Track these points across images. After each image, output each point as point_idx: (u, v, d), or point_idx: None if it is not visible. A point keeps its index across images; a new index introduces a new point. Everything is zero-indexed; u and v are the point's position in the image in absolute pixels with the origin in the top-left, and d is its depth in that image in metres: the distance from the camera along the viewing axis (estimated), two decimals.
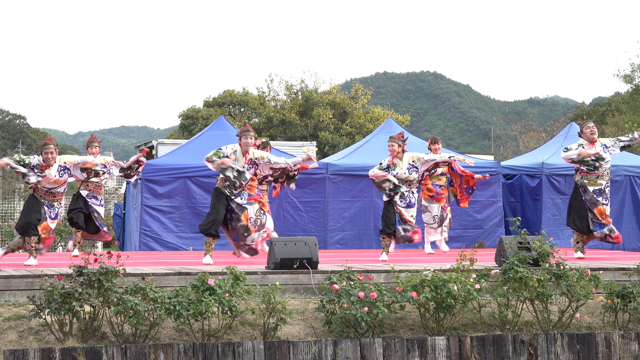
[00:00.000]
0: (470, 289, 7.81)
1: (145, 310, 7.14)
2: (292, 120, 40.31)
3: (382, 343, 7.51)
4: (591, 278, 8.22)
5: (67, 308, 7.03)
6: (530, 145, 35.96)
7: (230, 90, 46.99)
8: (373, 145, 16.30)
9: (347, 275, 7.87)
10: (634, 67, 38.44)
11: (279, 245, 9.02)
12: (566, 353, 7.88)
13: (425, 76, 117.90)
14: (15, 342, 7.28)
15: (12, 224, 11.57)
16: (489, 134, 65.78)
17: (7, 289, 8.04)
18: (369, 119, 40.82)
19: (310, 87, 42.70)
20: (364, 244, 15.14)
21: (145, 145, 23.82)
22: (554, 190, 15.78)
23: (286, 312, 7.58)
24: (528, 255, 8.30)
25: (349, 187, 15.21)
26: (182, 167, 14.70)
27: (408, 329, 8.15)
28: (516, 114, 77.66)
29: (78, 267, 7.23)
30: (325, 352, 7.38)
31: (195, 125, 42.67)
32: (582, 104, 70.16)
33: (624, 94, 43.20)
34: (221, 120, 16.48)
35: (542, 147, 18.56)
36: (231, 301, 7.36)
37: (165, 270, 8.80)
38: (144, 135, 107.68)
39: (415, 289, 7.74)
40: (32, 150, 61.32)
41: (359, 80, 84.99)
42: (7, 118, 72.01)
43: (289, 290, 8.68)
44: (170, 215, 14.56)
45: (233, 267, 7.71)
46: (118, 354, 6.92)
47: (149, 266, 9.54)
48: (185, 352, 7.11)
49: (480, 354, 7.71)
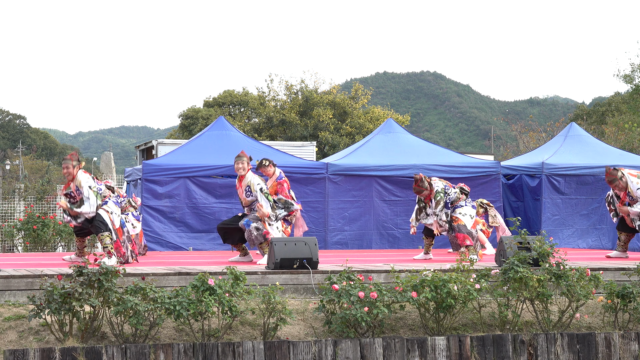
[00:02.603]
0: (470, 289, 7.81)
1: (145, 310, 7.14)
2: (292, 120, 40.31)
3: (382, 343, 7.51)
4: (591, 278, 8.23)
5: (67, 308, 7.02)
6: (530, 145, 35.95)
7: (230, 90, 47.02)
8: (373, 145, 16.30)
9: (347, 275, 7.87)
10: (634, 67, 38.47)
11: (279, 245, 9.01)
12: (566, 353, 7.88)
13: (425, 76, 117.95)
14: (15, 342, 7.28)
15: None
16: (489, 134, 65.80)
17: (7, 289, 8.04)
18: (369, 119, 40.83)
19: (310, 87, 42.71)
20: (364, 244, 15.15)
21: (145, 145, 23.81)
22: (554, 190, 15.78)
23: (286, 312, 7.57)
24: (528, 255, 8.29)
25: (349, 187, 15.22)
26: (182, 167, 14.70)
27: (408, 329, 8.15)
28: (516, 114, 77.73)
29: (78, 267, 7.23)
30: (325, 352, 7.38)
31: (195, 125, 42.69)
32: (582, 104, 70.22)
33: (624, 94, 43.22)
34: (221, 120, 16.48)
35: (542, 147, 18.55)
36: (231, 301, 7.36)
37: (165, 270, 8.80)
38: (144, 135, 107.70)
39: (415, 289, 7.74)
40: (32, 150, 61.36)
41: (359, 80, 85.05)
42: (7, 118, 72.05)
43: (289, 290, 8.68)
44: (171, 215, 14.57)
45: (233, 267, 7.71)
46: (118, 354, 6.92)
47: (149, 266, 9.54)
48: (185, 352, 7.11)
49: (480, 354, 7.71)
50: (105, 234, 9.82)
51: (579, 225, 15.81)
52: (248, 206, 10.60)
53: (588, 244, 15.72)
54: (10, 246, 18.12)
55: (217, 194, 14.72)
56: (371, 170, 15.29)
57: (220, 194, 14.71)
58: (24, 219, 16.97)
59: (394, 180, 15.35)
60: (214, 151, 15.24)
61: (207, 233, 14.59)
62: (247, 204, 10.59)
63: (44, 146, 68.17)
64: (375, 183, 15.29)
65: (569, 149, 16.68)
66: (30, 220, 16.73)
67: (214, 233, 14.32)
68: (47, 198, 19.21)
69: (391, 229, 15.31)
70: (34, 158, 57.55)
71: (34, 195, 19.20)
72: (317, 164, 15.76)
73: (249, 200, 10.54)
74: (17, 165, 50.47)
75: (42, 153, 65.20)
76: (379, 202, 15.30)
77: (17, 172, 45.89)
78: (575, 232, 15.78)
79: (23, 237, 17.04)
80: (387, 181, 15.33)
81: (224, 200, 14.58)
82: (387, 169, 15.33)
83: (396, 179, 15.34)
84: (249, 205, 10.58)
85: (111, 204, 10.14)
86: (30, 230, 16.58)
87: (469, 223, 11.56)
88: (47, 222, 16.63)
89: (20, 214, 18.89)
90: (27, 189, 19.64)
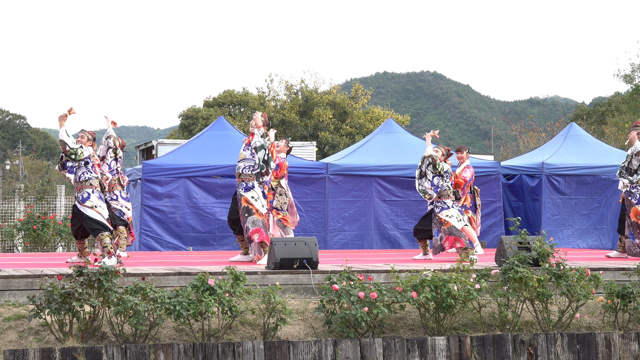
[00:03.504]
0: (470, 289, 7.81)
1: (145, 310, 7.14)
2: (292, 120, 40.32)
3: (382, 343, 7.51)
4: (591, 278, 8.23)
5: (67, 308, 7.02)
6: (530, 145, 35.97)
7: (230, 90, 47.02)
8: (373, 145, 16.31)
9: (347, 275, 7.87)
10: (634, 67, 38.47)
11: (279, 245, 9.01)
12: (566, 353, 7.89)
13: (425, 76, 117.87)
14: (15, 342, 7.28)
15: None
16: (489, 134, 65.78)
17: (7, 289, 8.03)
18: (369, 119, 40.85)
19: (310, 87, 42.74)
20: (364, 244, 15.15)
21: (145, 145, 23.82)
22: (554, 190, 15.79)
23: (286, 312, 7.57)
24: (528, 255, 8.29)
25: (349, 187, 15.22)
26: (182, 167, 14.71)
27: (408, 329, 8.15)
28: (516, 114, 77.72)
29: (78, 267, 7.23)
30: (325, 352, 7.38)
31: (195, 125, 42.70)
32: (582, 104, 70.21)
33: (624, 94, 43.21)
34: (221, 120, 16.49)
35: (542, 147, 18.56)
36: (231, 301, 7.36)
37: (165, 270, 8.80)
38: (144, 135, 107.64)
39: (415, 289, 7.74)
40: (32, 150, 61.36)
41: (359, 80, 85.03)
42: (7, 118, 72.03)
43: (289, 290, 8.68)
44: (171, 215, 14.57)
45: (233, 267, 7.71)
46: (118, 354, 6.92)
47: (149, 266, 9.54)
48: (185, 352, 7.11)
49: (480, 354, 7.71)
50: (105, 233, 9.75)
51: (579, 225, 15.82)
52: (242, 161, 10.56)
53: (588, 244, 15.72)
54: (10, 246, 18.13)
55: (217, 194, 14.73)
56: (371, 170, 15.30)
57: (220, 194, 14.72)
58: (24, 219, 16.99)
59: (394, 180, 15.35)
60: (214, 151, 15.24)
61: (207, 233, 14.60)
62: (241, 157, 10.58)
63: (44, 146, 68.15)
64: (375, 183, 15.29)
65: (569, 149, 16.69)
66: (30, 220, 16.74)
67: (214, 233, 14.33)
68: (47, 198, 19.21)
69: (391, 229, 15.32)
70: (34, 158, 57.55)
71: (34, 195, 19.21)
72: (317, 164, 15.76)
73: (244, 154, 10.54)
74: (17, 165, 50.48)
75: (42, 153, 65.18)
76: (379, 202, 15.30)
77: (17, 172, 45.91)
78: (575, 232, 15.79)
79: (23, 237, 17.05)
80: (387, 181, 15.33)
81: (224, 200, 14.58)
82: (387, 169, 15.34)
83: (396, 179, 15.35)
84: (242, 160, 10.54)
85: (94, 198, 9.97)
86: (30, 230, 16.59)
87: (457, 224, 11.53)
88: (47, 222, 16.65)
89: (20, 214, 18.90)
90: (27, 189, 19.64)
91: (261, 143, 10.46)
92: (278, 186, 12.05)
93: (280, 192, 12.07)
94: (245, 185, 10.45)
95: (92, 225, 9.84)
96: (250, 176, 10.46)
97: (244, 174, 10.49)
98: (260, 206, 10.38)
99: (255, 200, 10.37)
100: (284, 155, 12.41)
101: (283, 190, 12.11)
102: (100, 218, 9.85)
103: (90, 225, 9.86)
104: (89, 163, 10.03)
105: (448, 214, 11.53)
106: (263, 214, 10.40)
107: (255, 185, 10.44)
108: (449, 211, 11.56)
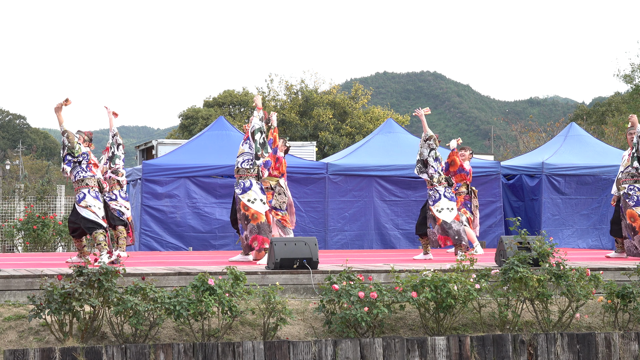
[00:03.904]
0: (470, 289, 7.81)
1: (145, 310, 7.14)
2: (292, 121, 40.31)
3: (382, 343, 7.51)
4: (591, 278, 8.22)
5: (67, 308, 7.02)
6: (530, 145, 35.97)
7: (230, 90, 47.04)
8: (373, 145, 16.31)
9: (347, 275, 7.86)
10: (634, 67, 38.50)
11: (279, 245, 9.01)
12: (566, 353, 7.89)
13: (425, 76, 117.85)
14: (15, 342, 7.28)
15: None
16: (489, 134, 65.76)
17: (7, 289, 8.03)
18: (369, 119, 40.85)
19: (310, 87, 42.73)
20: (364, 244, 15.15)
21: (145, 145, 23.83)
22: (554, 190, 15.79)
23: (286, 312, 7.57)
24: (528, 255, 8.29)
25: (349, 187, 15.22)
26: (182, 167, 14.71)
27: (408, 329, 8.15)
28: (516, 114, 77.70)
29: (78, 267, 7.23)
30: (325, 352, 7.38)
31: (195, 125, 42.71)
32: (582, 104, 70.19)
33: (624, 94, 43.23)
34: (221, 120, 16.49)
35: (542, 147, 18.57)
36: (231, 301, 7.36)
37: (165, 270, 8.80)
38: (144, 135, 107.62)
39: (415, 289, 7.74)
40: (32, 150, 61.37)
41: (359, 80, 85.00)
42: (7, 118, 72.03)
43: (289, 290, 8.68)
44: (171, 215, 14.57)
45: (233, 267, 7.71)
46: (118, 354, 6.92)
47: (149, 266, 9.54)
48: (185, 352, 7.11)
49: (480, 354, 7.71)
50: (99, 231, 9.87)
51: (579, 225, 15.82)
52: (240, 155, 10.55)
53: (588, 244, 15.73)
54: (10, 246, 18.12)
55: (217, 194, 14.73)
56: (371, 170, 15.30)
57: (220, 194, 14.72)
58: (24, 219, 16.99)
59: (394, 180, 15.35)
60: (214, 151, 15.25)
61: (207, 233, 14.60)
62: (240, 152, 10.57)
63: (44, 146, 68.14)
64: (375, 183, 15.30)
65: (569, 149, 16.69)
66: (30, 220, 16.74)
67: (214, 233, 14.33)
68: (47, 198, 19.21)
69: (391, 229, 15.32)
70: (34, 158, 57.56)
71: (34, 195, 19.21)
72: (317, 164, 15.77)
73: (242, 149, 10.54)
74: (17, 165, 50.47)
75: (42, 153, 65.19)
76: (379, 202, 15.30)
77: (17, 172, 45.90)
78: (575, 232, 15.79)
79: (23, 237, 17.05)
80: (387, 181, 15.34)
81: (224, 200, 14.58)
82: (387, 169, 15.34)
83: (396, 179, 15.35)
84: (241, 154, 10.54)
85: (89, 198, 10.03)
86: (30, 230, 16.59)
87: (450, 217, 11.52)
88: (47, 222, 16.65)
89: (20, 214, 18.89)
90: (27, 189, 19.64)
91: (259, 125, 10.47)
92: (277, 185, 12.06)
93: (279, 192, 12.07)
94: (242, 185, 10.42)
95: (86, 224, 10.00)
96: (248, 171, 10.44)
97: (242, 168, 10.47)
98: (259, 206, 10.35)
99: (252, 202, 10.32)
100: (282, 155, 12.42)
101: (282, 189, 12.11)
102: (94, 217, 9.99)
103: (85, 224, 10.01)
104: (82, 162, 10.12)
105: (439, 207, 11.57)
106: (263, 212, 10.36)
107: (253, 183, 10.40)
108: (439, 204, 11.58)
